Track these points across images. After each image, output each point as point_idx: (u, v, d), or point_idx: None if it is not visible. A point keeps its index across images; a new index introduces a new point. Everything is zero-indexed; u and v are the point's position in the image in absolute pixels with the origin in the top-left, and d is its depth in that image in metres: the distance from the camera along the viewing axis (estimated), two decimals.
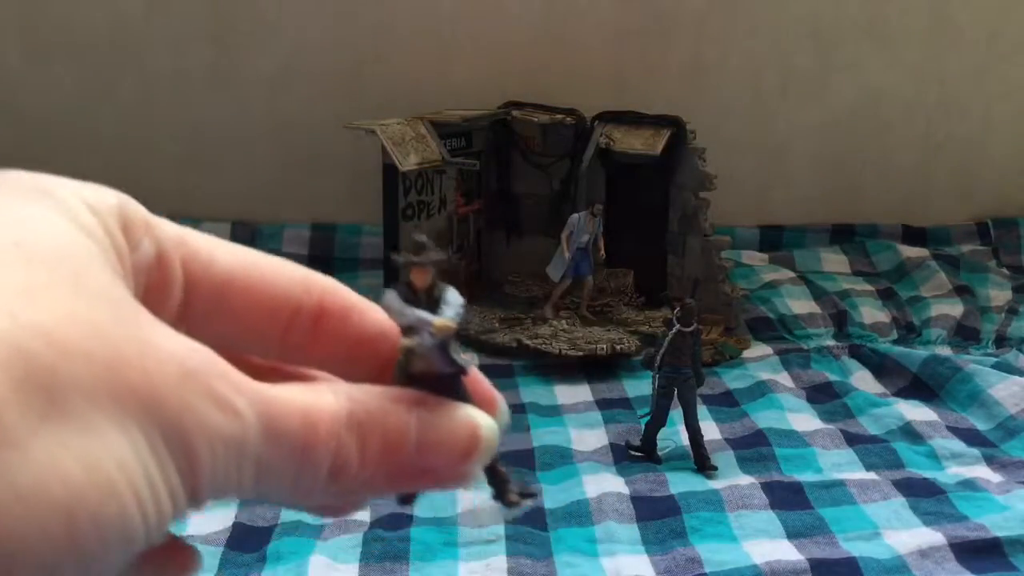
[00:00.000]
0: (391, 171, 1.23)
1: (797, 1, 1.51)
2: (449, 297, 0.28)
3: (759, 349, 1.21)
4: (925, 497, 0.87)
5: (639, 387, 1.10)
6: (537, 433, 1.00)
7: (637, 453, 0.95)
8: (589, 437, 1.00)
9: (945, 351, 1.20)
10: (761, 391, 1.08)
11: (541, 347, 1.16)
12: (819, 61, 1.53)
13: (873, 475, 0.91)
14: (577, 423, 1.03)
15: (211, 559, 0.79)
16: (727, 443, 0.98)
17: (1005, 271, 1.46)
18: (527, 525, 0.83)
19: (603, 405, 1.07)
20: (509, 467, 0.30)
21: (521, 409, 1.05)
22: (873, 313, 1.30)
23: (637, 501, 0.87)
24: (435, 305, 0.27)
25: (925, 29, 1.54)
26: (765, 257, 1.49)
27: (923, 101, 1.56)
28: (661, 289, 1.24)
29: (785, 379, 1.13)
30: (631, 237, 1.31)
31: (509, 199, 1.38)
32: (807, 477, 0.91)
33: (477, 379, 0.30)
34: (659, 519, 0.84)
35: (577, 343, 1.16)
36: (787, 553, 0.79)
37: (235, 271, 0.29)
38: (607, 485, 0.88)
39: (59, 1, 1.45)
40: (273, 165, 1.49)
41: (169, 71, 1.47)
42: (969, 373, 1.09)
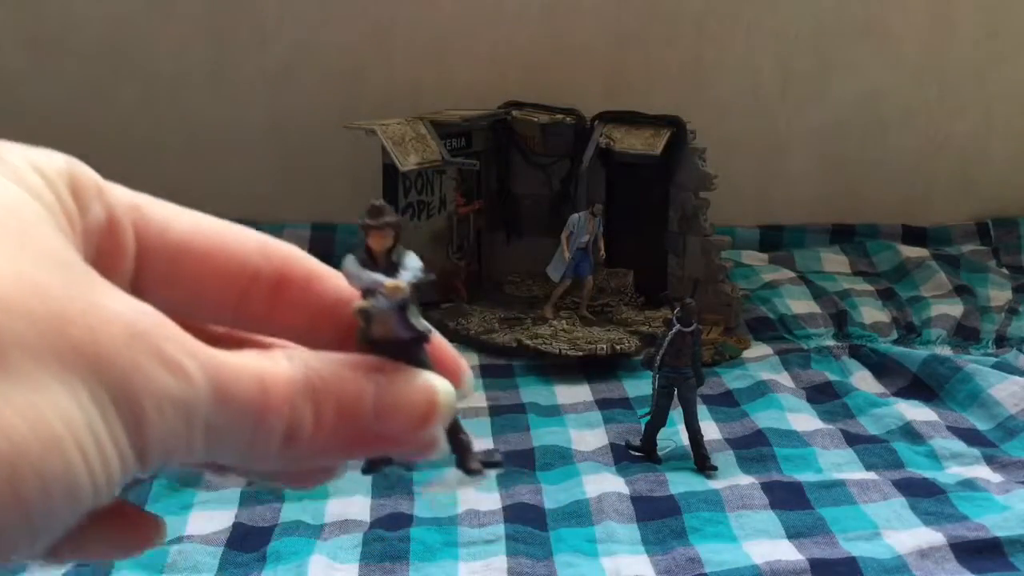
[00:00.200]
0: (391, 171, 1.23)
1: (797, 1, 1.51)
2: (407, 261, 0.28)
3: (759, 349, 1.21)
4: (925, 497, 0.87)
5: (639, 387, 1.10)
6: (537, 433, 1.00)
7: (637, 453, 0.95)
8: (589, 437, 1.00)
9: (945, 351, 1.20)
10: (761, 391, 1.08)
11: (541, 347, 1.16)
12: (819, 61, 1.53)
13: (873, 475, 0.91)
14: (577, 423, 1.03)
15: (211, 559, 0.79)
16: (727, 443, 0.98)
17: (1005, 271, 1.46)
18: (527, 525, 0.83)
19: (603, 405, 1.07)
20: (472, 434, 0.30)
21: (521, 409, 1.05)
22: (873, 313, 1.30)
23: (637, 501, 0.87)
24: (394, 269, 0.27)
25: (925, 29, 1.54)
26: (765, 257, 1.49)
27: (923, 101, 1.57)
28: (661, 289, 1.24)
29: (785, 379, 1.13)
30: (631, 237, 1.31)
31: (509, 199, 1.38)
32: (807, 477, 0.91)
33: (441, 346, 0.30)
34: (659, 519, 0.84)
35: (577, 343, 1.16)
36: (787, 553, 0.79)
37: (191, 238, 0.29)
38: (607, 485, 0.88)
39: (60, 1, 1.45)
40: (273, 165, 1.50)
41: (169, 71, 1.47)
42: (969, 373, 1.09)
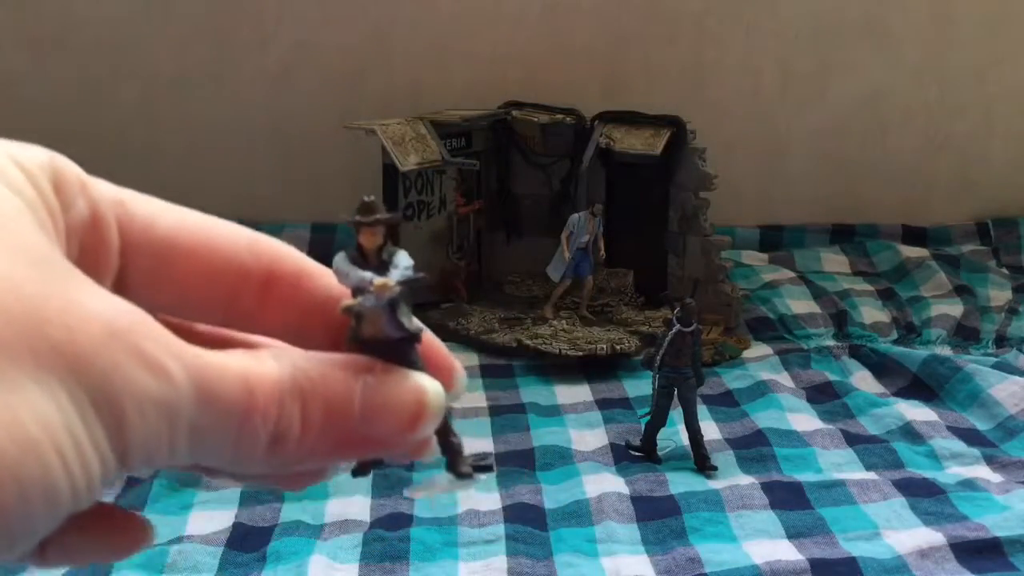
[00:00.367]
0: (391, 171, 1.23)
1: (797, 1, 1.51)
2: (398, 259, 0.27)
3: (759, 349, 1.21)
4: (925, 497, 0.87)
5: (639, 387, 1.10)
6: (537, 433, 1.00)
7: (637, 453, 0.95)
8: (589, 437, 1.00)
9: (945, 351, 1.20)
10: (761, 391, 1.08)
11: (541, 347, 1.16)
12: (819, 61, 1.53)
13: (873, 475, 0.91)
14: (577, 423, 1.03)
15: (211, 559, 0.79)
16: (727, 443, 0.98)
17: (1005, 271, 1.46)
18: (527, 525, 0.83)
19: (603, 405, 1.07)
20: (463, 436, 0.29)
21: (521, 409, 1.05)
22: (873, 313, 1.30)
23: (637, 501, 0.87)
24: (385, 268, 0.27)
25: (925, 29, 1.54)
26: (765, 257, 1.49)
27: (923, 101, 1.56)
28: (661, 289, 1.24)
29: (785, 379, 1.13)
30: (631, 237, 1.31)
31: (509, 199, 1.38)
32: (807, 477, 0.91)
33: (434, 346, 0.29)
34: (659, 519, 0.84)
35: (577, 343, 1.16)
36: (787, 553, 0.79)
37: (178, 235, 0.28)
38: (607, 485, 0.88)
39: (60, 1, 1.45)
40: (273, 165, 1.50)
41: (169, 71, 1.47)
42: (969, 373, 1.09)
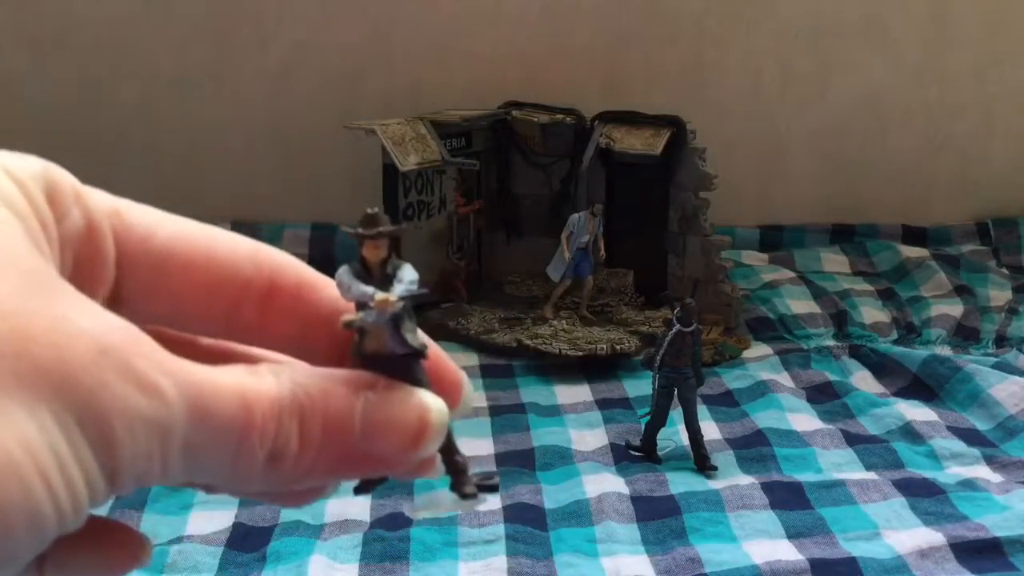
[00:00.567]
0: (391, 171, 1.23)
1: (797, 1, 1.51)
2: (402, 273, 0.26)
3: (759, 349, 1.21)
4: (925, 497, 0.87)
5: (639, 387, 1.10)
6: (537, 433, 1.00)
7: (637, 453, 0.95)
8: (589, 437, 1.00)
9: (945, 351, 1.20)
10: (761, 391, 1.08)
11: (541, 347, 1.16)
12: (819, 61, 1.53)
13: (873, 475, 0.91)
14: (577, 423, 1.03)
15: (211, 559, 0.79)
16: (727, 443, 0.98)
17: (1005, 271, 1.46)
18: (527, 525, 0.83)
19: (603, 405, 1.07)
20: (467, 456, 0.28)
21: (521, 409, 1.05)
22: (873, 313, 1.30)
23: (637, 501, 0.87)
24: (388, 281, 0.26)
25: (925, 29, 1.54)
26: (765, 257, 1.49)
27: (923, 101, 1.56)
28: (661, 289, 1.24)
29: (785, 379, 1.13)
30: (631, 237, 1.31)
31: (509, 199, 1.38)
32: (807, 477, 0.91)
33: (441, 361, 0.28)
34: (659, 519, 0.84)
35: (577, 343, 1.16)
36: (787, 553, 0.79)
37: (176, 245, 0.27)
38: (607, 485, 0.88)
39: (60, 1, 1.45)
40: (273, 165, 1.49)
41: (169, 71, 1.47)
42: (969, 373, 1.09)
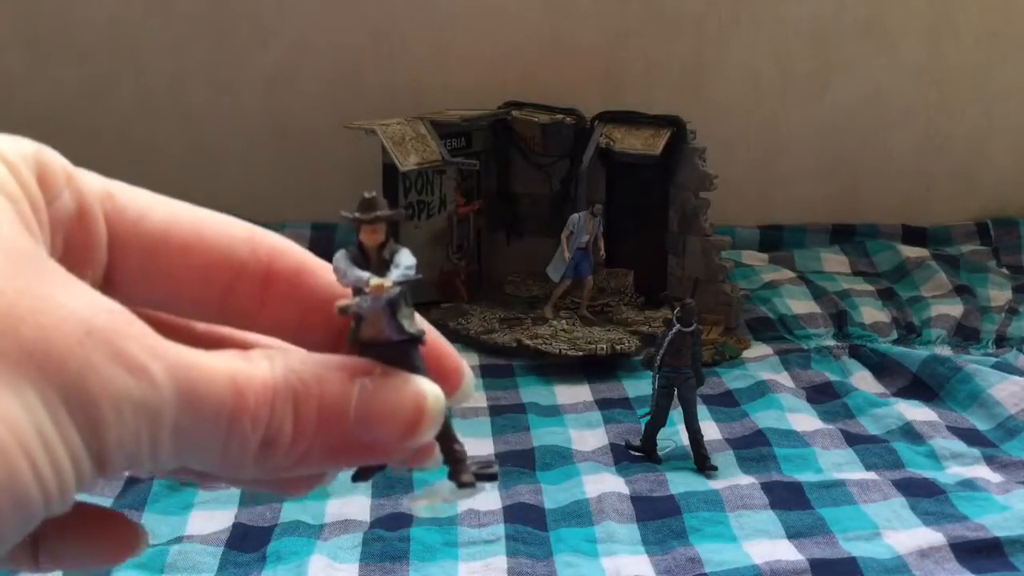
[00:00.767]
0: (391, 171, 1.23)
1: (797, 1, 1.51)
2: (400, 258, 0.26)
3: (759, 349, 1.21)
4: (925, 497, 0.87)
5: (639, 387, 1.09)
6: (537, 433, 1.00)
7: (637, 453, 0.95)
8: (589, 437, 1.00)
9: (945, 351, 1.20)
10: (761, 391, 1.08)
11: (541, 347, 1.16)
12: (819, 61, 1.53)
13: (873, 475, 0.91)
14: (577, 423, 1.03)
15: (211, 559, 0.79)
16: (727, 443, 0.98)
17: (1005, 271, 1.46)
18: (527, 525, 0.83)
19: (603, 405, 1.07)
20: (464, 445, 0.28)
21: (521, 409, 1.05)
22: (873, 313, 1.30)
23: (637, 501, 0.87)
24: (386, 267, 0.26)
25: (925, 29, 1.54)
26: (765, 257, 1.49)
27: (923, 101, 1.56)
28: (661, 289, 1.24)
29: (785, 379, 1.13)
30: (631, 237, 1.31)
31: (509, 199, 1.38)
32: (807, 477, 0.91)
33: (441, 347, 0.28)
34: (659, 519, 0.84)
35: (577, 343, 1.16)
36: (787, 553, 0.79)
37: (170, 228, 0.27)
38: (607, 485, 0.88)
39: (59, 2, 1.45)
40: (273, 165, 1.50)
41: (169, 71, 1.47)
42: (969, 373, 1.09)
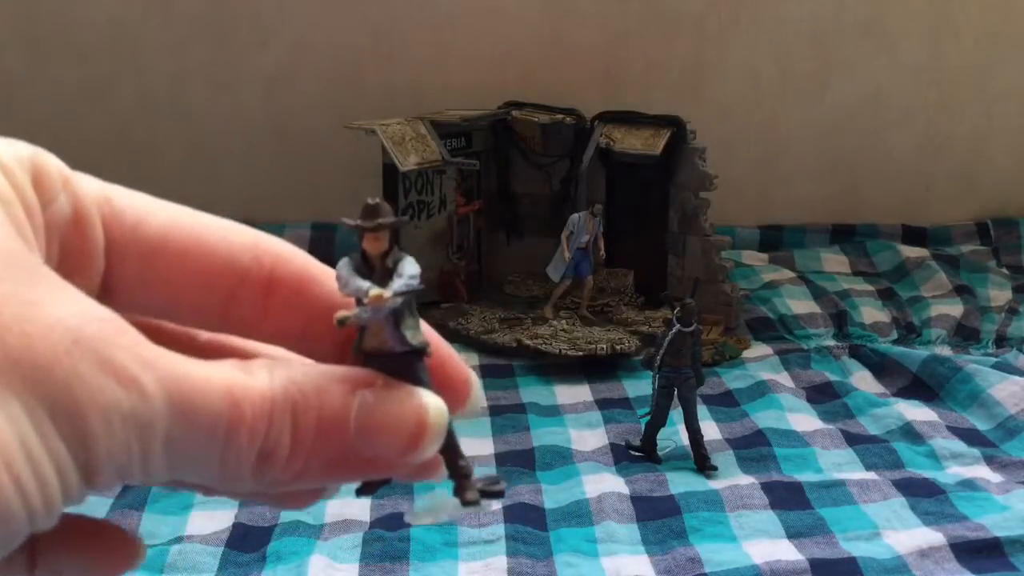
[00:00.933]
0: (391, 171, 1.23)
1: (797, 1, 1.51)
2: (403, 267, 0.25)
3: (759, 349, 1.21)
4: (925, 497, 0.87)
5: (639, 387, 1.09)
6: (537, 433, 1.00)
7: (637, 453, 0.95)
8: (589, 437, 1.00)
9: (945, 351, 1.20)
10: (761, 391, 1.08)
11: (541, 347, 1.16)
12: (819, 61, 1.53)
13: (873, 475, 0.91)
14: (577, 423, 1.03)
15: (211, 559, 0.79)
16: (727, 443, 0.98)
17: (1005, 271, 1.46)
18: (527, 525, 0.83)
19: (603, 405, 1.07)
20: (472, 461, 0.27)
21: (521, 409, 1.05)
22: (873, 313, 1.30)
23: (637, 501, 0.87)
24: (389, 275, 0.25)
25: (925, 29, 1.54)
26: (765, 257, 1.49)
27: (923, 101, 1.57)
28: (661, 289, 1.24)
29: (785, 379, 1.13)
30: (631, 237, 1.31)
31: (509, 199, 1.38)
32: (807, 477, 0.91)
33: (449, 359, 0.27)
34: (659, 519, 0.84)
35: (577, 343, 1.16)
36: (787, 553, 0.79)
37: (169, 234, 0.26)
38: (607, 485, 0.88)
39: (59, 2, 1.45)
40: (273, 165, 1.50)
41: (169, 71, 1.47)
42: (969, 373, 1.09)
